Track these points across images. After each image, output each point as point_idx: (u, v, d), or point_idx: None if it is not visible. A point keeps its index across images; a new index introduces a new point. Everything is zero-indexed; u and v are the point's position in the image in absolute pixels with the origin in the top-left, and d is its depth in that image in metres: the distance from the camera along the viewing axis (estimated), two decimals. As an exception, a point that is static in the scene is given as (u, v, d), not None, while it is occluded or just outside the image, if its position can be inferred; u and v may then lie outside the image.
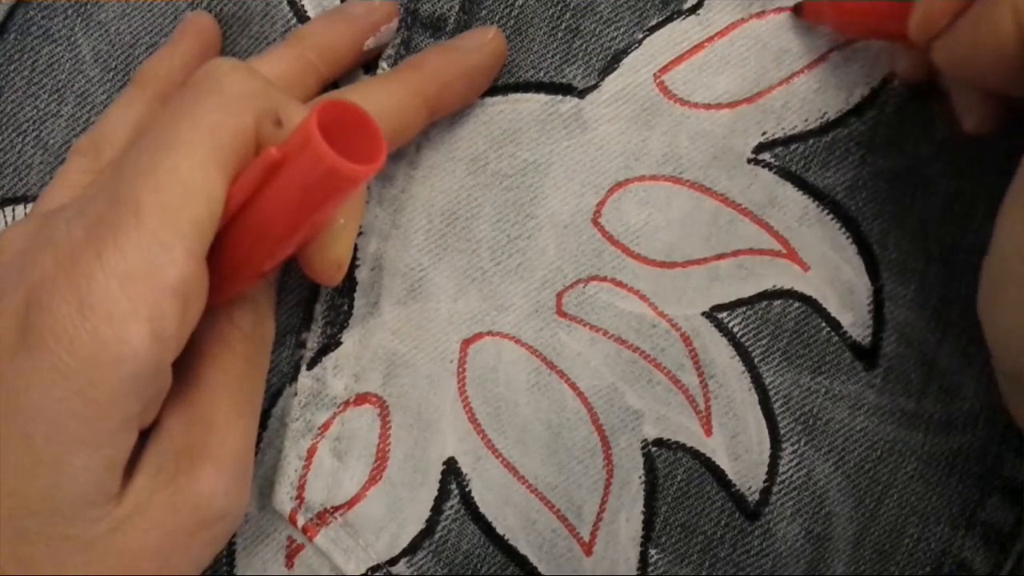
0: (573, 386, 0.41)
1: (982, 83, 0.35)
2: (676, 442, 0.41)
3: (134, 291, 0.30)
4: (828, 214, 0.40)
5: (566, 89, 0.41)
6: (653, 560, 0.41)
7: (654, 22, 0.41)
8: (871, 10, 0.38)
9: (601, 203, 0.41)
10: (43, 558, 0.32)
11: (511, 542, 0.41)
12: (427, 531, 0.41)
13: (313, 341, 0.41)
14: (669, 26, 0.41)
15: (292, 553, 0.42)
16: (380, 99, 0.37)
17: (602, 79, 0.41)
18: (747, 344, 0.41)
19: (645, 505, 0.41)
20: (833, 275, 0.40)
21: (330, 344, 0.41)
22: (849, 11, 0.39)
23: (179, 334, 0.32)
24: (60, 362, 0.30)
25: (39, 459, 0.31)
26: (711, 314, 0.41)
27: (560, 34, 0.41)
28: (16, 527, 0.31)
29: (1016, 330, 0.33)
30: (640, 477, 0.41)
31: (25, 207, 0.43)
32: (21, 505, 0.31)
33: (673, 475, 0.41)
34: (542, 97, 0.41)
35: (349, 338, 0.41)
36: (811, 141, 0.40)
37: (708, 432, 0.41)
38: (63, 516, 0.32)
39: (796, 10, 0.41)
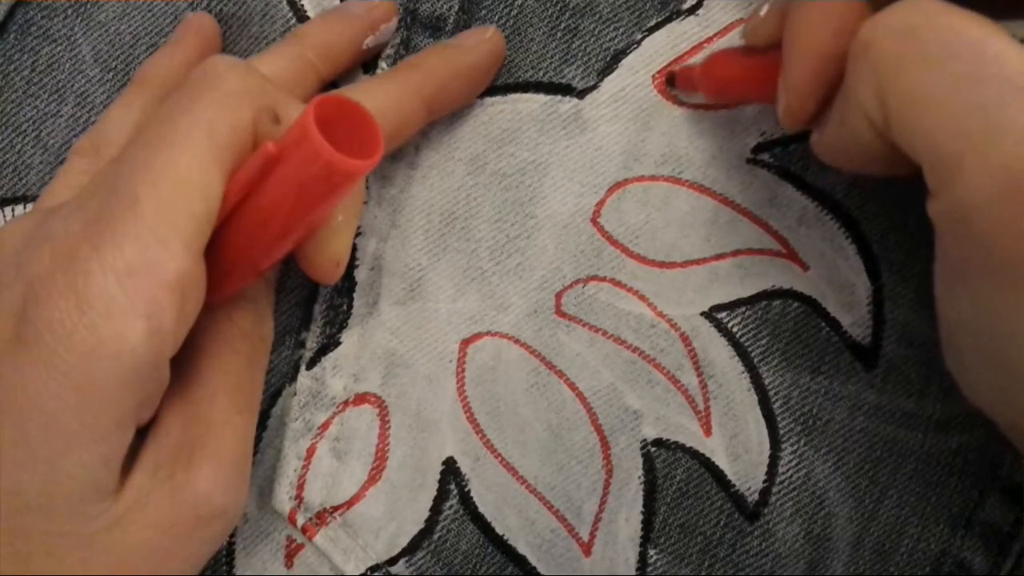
0: (572, 386, 0.41)
1: (862, 172, 0.36)
2: (675, 442, 0.41)
3: (132, 287, 0.30)
4: (827, 214, 0.40)
5: (565, 89, 0.41)
6: (652, 560, 0.41)
7: (653, 22, 0.41)
8: (738, 80, 0.38)
9: (600, 203, 0.41)
10: (40, 555, 0.32)
11: (510, 542, 0.41)
12: (426, 531, 0.41)
13: (312, 341, 0.41)
14: (668, 26, 0.41)
15: (291, 553, 0.42)
16: (379, 98, 0.37)
17: (601, 79, 0.41)
18: (746, 344, 0.41)
19: (644, 505, 0.41)
20: (833, 275, 0.40)
21: (329, 344, 0.41)
22: (718, 80, 0.39)
23: (177, 330, 0.32)
24: (57, 357, 0.30)
25: (36, 455, 0.31)
26: (710, 314, 0.41)
27: (559, 34, 0.41)
28: (13, 524, 0.31)
29: (984, 391, 0.34)
30: (639, 477, 0.41)
31: (25, 207, 0.43)
32: (18, 502, 0.31)
33: (672, 475, 0.41)
34: (541, 97, 0.41)
35: (348, 338, 0.41)
36: (810, 141, 0.40)
37: (707, 432, 0.41)
38: (60, 513, 0.32)
39: (669, 81, 0.41)
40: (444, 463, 0.41)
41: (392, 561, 0.41)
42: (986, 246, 0.30)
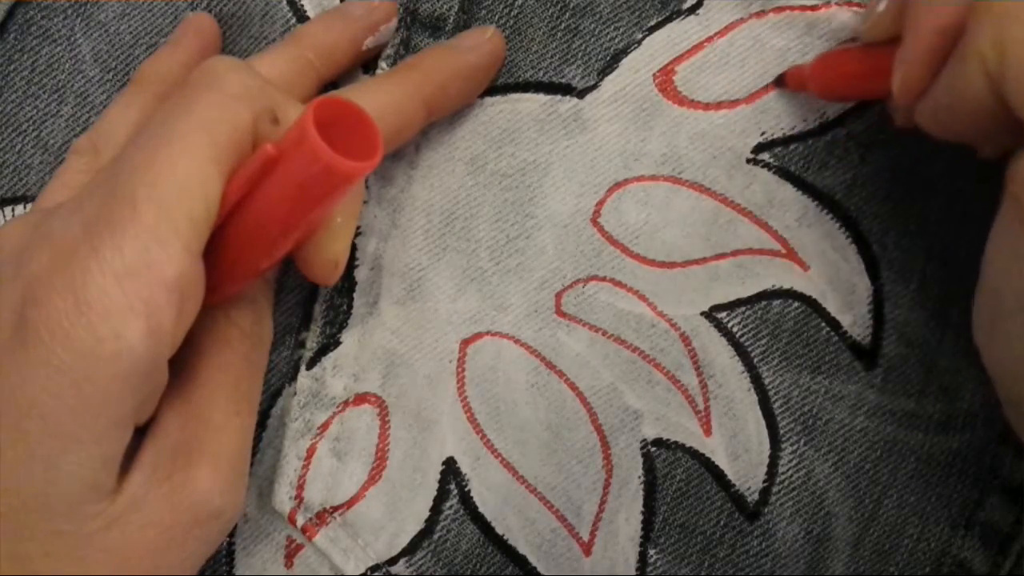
0: (572, 386, 0.41)
1: (967, 140, 0.35)
2: (675, 442, 0.41)
3: (130, 287, 0.30)
4: (827, 214, 0.40)
5: (565, 89, 0.41)
6: (652, 560, 0.41)
7: (653, 22, 0.41)
8: (852, 76, 0.38)
9: (600, 203, 0.41)
10: (38, 554, 0.32)
11: (510, 542, 0.41)
12: (426, 531, 0.41)
13: (312, 341, 0.41)
14: (668, 26, 0.41)
15: (291, 553, 0.42)
16: (379, 99, 0.37)
17: (601, 79, 0.41)
18: (746, 344, 0.41)
19: (644, 505, 0.41)
20: (833, 275, 0.40)
21: (329, 344, 0.41)
22: (831, 79, 0.39)
23: (175, 330, 0.32)
24: (56, 357, 0.30)
25: (34, 455, 0.31)
26: (710, 314, 0.41)
27: (559, 34, 0.41)
28: (11, 523, 0.31)
29: (1016, 360, 0.34)
30: (639, 477, 0.41)
31: (25, 207, 0.43)
32: (16, 501, 0.31)
33: (672, 475, 0.41)
34: (541, 97, 0.41)
35: (348, 338, 0.41)
36: (810, 141, 0.40)
37: (707, 432, 0.41)
38: (58, 512, 0.32)
39: (778, 82, 0.41)
40: (444, 463, 0.41)
41: (392, 561, 0.41)
42: None
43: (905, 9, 0.35)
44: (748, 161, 0.41)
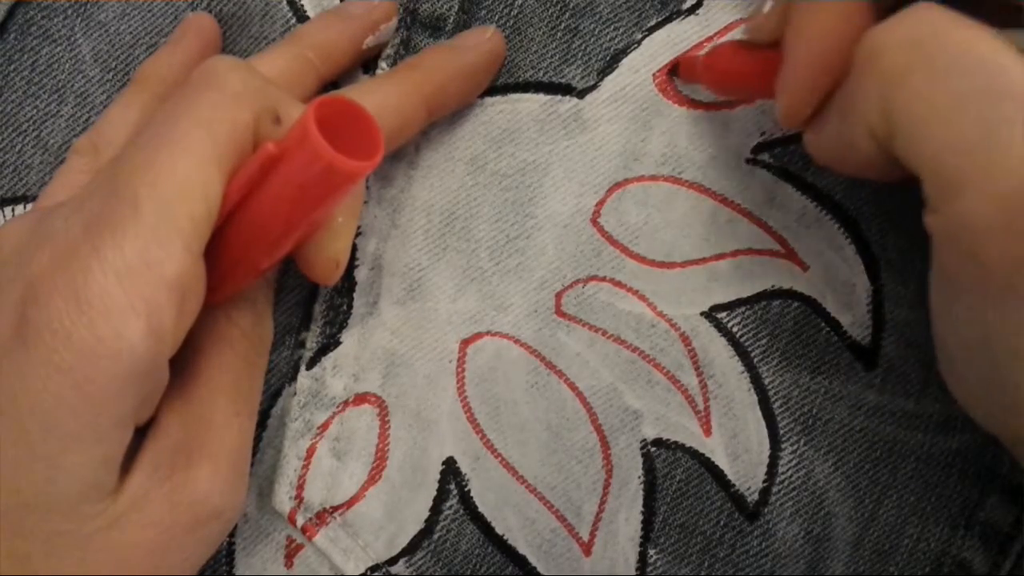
0: (572, 386, 0.41)
1: (855, 176, 0.36)
2: (675, 442, 0.41)
3: (131, 286, 0.30)
4: (827, 214, 0.40)
5: (565, 89, 0.41)
6: (652, 560, 0.41)
7: (653, 22, 0.41)
8: (740, 75, 0.38)
9: (600, 203, 0.41)
10: (39, 554, 0.32)
11: (510, 542, 0.41)
12: (426, 531, 0.41)
13: (312, 341, 0.41)
14: (668, 26, 0.41)
15: (291, 553, 0.42)
16: (379, 99, 0.37)
17: (601, 79, 0.41)
18: (746, 344, 0.41)
19: (644, 505, 0.41)
20: (832, 275, 0.40)
21: (329, 344, 0.41)
22: (721, 74, 0.39)
23: (176, 330, 0.32)
24: (56, 357, 0.30)
25: (35, 454, 0.31)
26: (710, 314, 0.41)
27: (559, 34, 0.41)
28: (12, 522, 0.31)
29: (977, 401, 0.34)
30: (639, 477, 0.41)
31: (25, 207, 0.43)
32: (17, 500, 0.31)
33: (672, 475, 0.41)
34: (541, 97, 0.41)
35: (348, 338, 0.41)
36: (810, 141, 0.40)
37: (707, 432, 0.41)
38: (59, 512, 0.32)
39: (672, 71, 0.41)
40: (444, 463, 0.41)
41: (392, 561, 0.41)
42: (982, 265, 0.30)
43: (788, 19, 0.34)
44: (748, 161, 0.41)
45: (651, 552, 0.41)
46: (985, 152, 0.29)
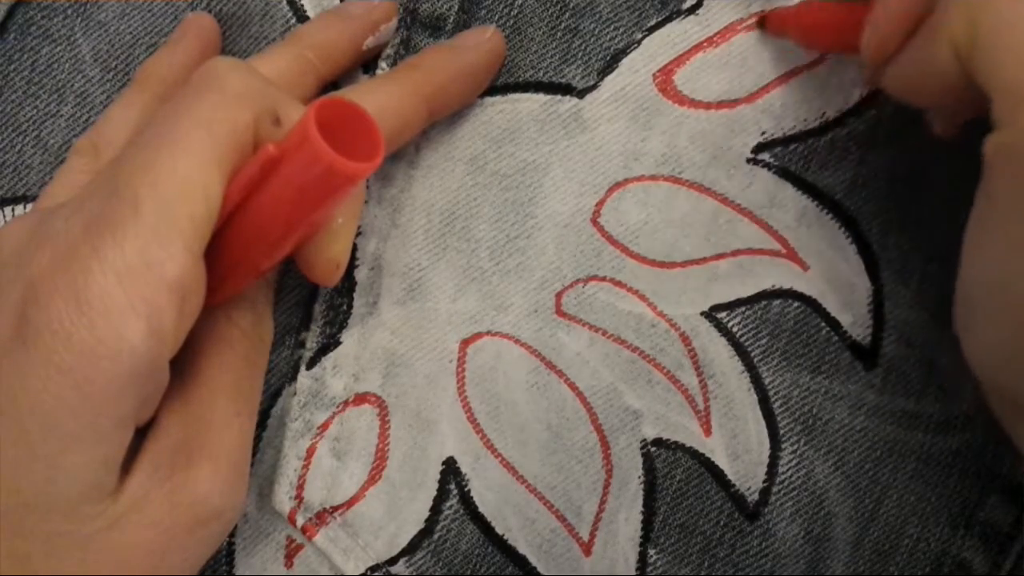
0: (572, 386, 0.41)
1: (929, 107, 0.36)
2: (675, 442, 0.41)
3: (131, 287, 0.30)
4: (827, 214, 0.40)
5: (565, 89, 0.41)
6: (652, 560, 0.41)
7: (653, 22, 0.41)
8: (829, 27, 0.38)
9: (600, 203, 0.41)
10: (39, 554, 0.32)
11: (510, 542, 0.41)
12: (426, 531, 0.41)
13: (312, 341, 0.41)
14: (668, 26, 0.41)
15: (291, 553, 0.42)
16: (379, 99, 0.37)
17: (601, 79, 0.41)
18: (746, 344, 0.41)
19: (644, 505, 0.41)
20: (832, 275, 0.40)
21: (329, 344, 0.41)
22: (809, 26, 0.39)
23: (176, 331, 0.32)
24: (57, 357, 0.30)
25: (35, 455, 0.31)
26: (710, 314, 0.41)
27: (559, 34, 0.41)
28: (12, 523, 0.31)
29: (992, 352, 0.34)
30: (639, 477, 0.41)
31: (25, 207, 0.43)
32: (17, 501, 0.31)
33: (672, 475, 0.41)
34: (541, 97, 0.41)
35: (348, 338, 0.41)
36: (810, 141, 0.40)
37: (707, 432, 0.41)
38: (59, 512, 0.32)
39: (760, 23, 0.41)
40: (444, 463, 0.41)
41: (392, 561, 0.41)
42: None
43: None
44: (748, 161, 0.41)
45: (651, 552, 0.41)
46: None
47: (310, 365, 0.41)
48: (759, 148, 0.41)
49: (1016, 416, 0.35)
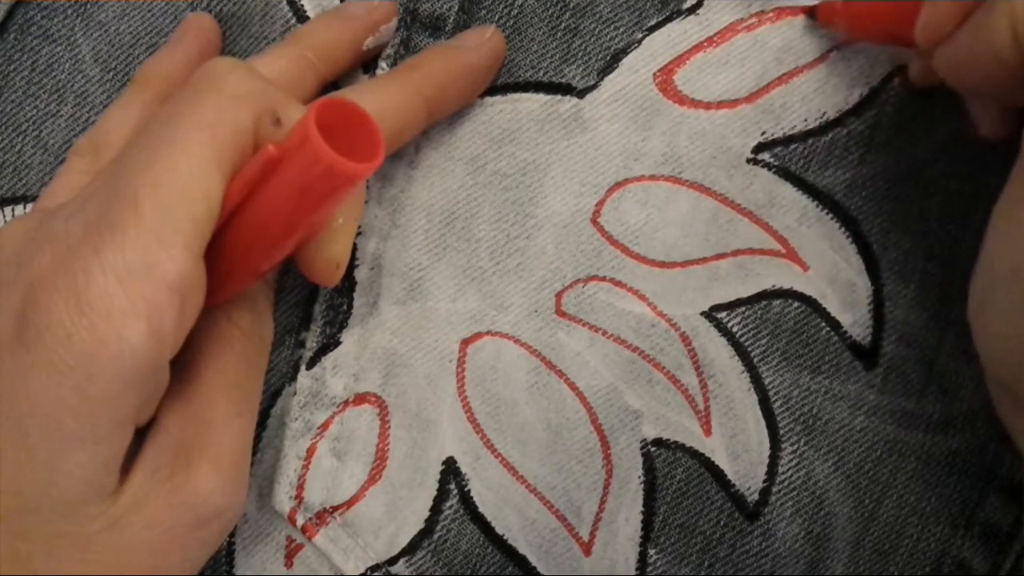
0: (572, 386, 0.41)
1: (982, 90, 0.36)
2: (675, 442, 0.41)
3: (132, 288, 0.30)
4: (827, 214, 0.40)
5: (565, 89, 0.41)
6: (652, 560, 0.41)
7: (653, 22, 0.41)
8: (881, 13, 0.38)
9: (600, 203, 0.41)
10: (40, 555, 0.32)
11: (510, 542, 0.41)
12: (426, 531, 0.41)
13: (312, 341, 0.41)
14: (668, 26, 0.41)
15: (291, 553, 0.42)
16: (380, 99, 0.37)
17: (601, 79, 0.41)
18: (746, 344, 0.41)
19: (644, 505, 0.41)
20: (833, 275, 0.40)
21: (329, 344, 0.41)
22: (859, 13, 0.39)
23: (177, 331, 0.32)
24: (57, 358, 0.30)
25: (36, 456, 0.31)
26: (710, 314, 0.41)
27: (559, 34, 0.41)
28: (12, 524, 0.31)
29: (1005, 336, 0.34)
30: (639, 477, 0.41)
31: (25, 207, 0.43)
32: (18, 502, 0.31)
33: (672, 475, 0.41)
34: (541, 97, 0.41)
35: (348, 338, 0.41)
36: (810, 141, 0.40)
37: (707, 432, 0.41)
38: (60, 513, 0.32)
39: (809, 12, 0.40)
40: (444, 463, 0.41)
41: (392, 561, 0.41)
42: None
43: None
44: (748, 161, 0.41)
45: (651, 552, 0.41)
46: None
47: (310, 365, 0.41)
48: (759, 148, 0.41)
49: (1016, 409, 0.35)
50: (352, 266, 0.41)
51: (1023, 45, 0.32)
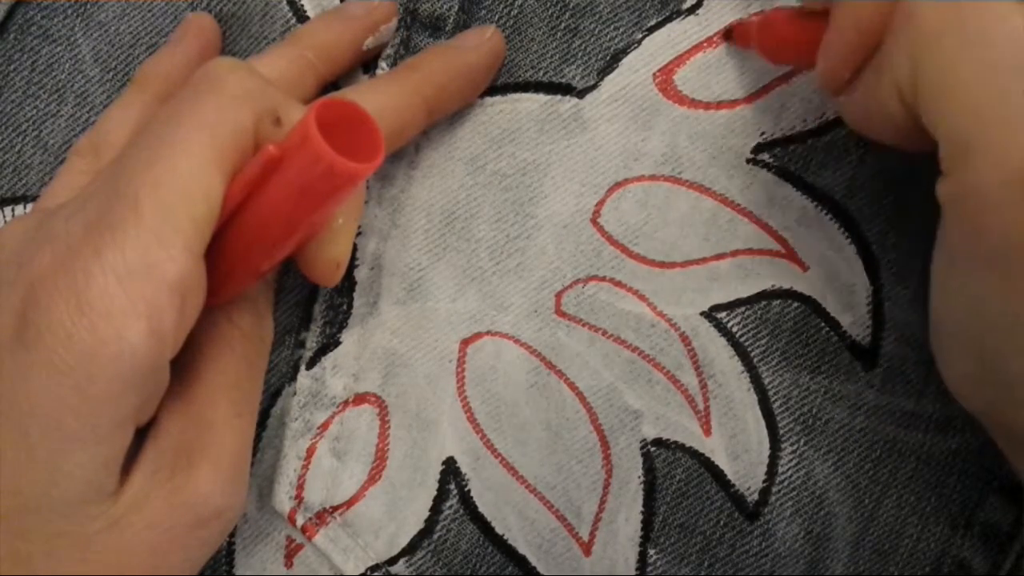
0: (572, 386, 0.41)
1: (884, 141, 0.36)
2: (675, 442, 0.41)
3: (132, 288, 0.30)
4: (827, 214, 0.40)
5: (565, 89, 0.41)
6: (652, 560, 0.41)
7: (653, 22, 0.41)
8: (789, 42, 0.38)
9: (600, 203, 0.41)
10: (40, 555, 0.32)
11: (510, 542, 0.41)
12: (426, 531, 0.41)
13: (312, 341, 0.41)
14: (668, 26, 0.41)
15: (291, 553, 0.42)
16: (379, 100, 0.37)
17: (601, 79, 0.41)
18: (746, 344, 0.41)
19: (644, 505, 0.41)
20: (832, 275, 0.40)
21: (329, 344, 0.41)
22: (771, 40, 0.39)
23: (177, 332, 0.32)
24: (57, 358, 0.30)
25: (36, 456, 0.31)
26: (710, 314, 0.41)
27: (559, 34, 0.41)
28: (13, 524, 0.32)
29: (960, 383, 0.35)
30: (639, 477, 0.41)
31: (25, 207, 0.43)
32: (18, 502, 0.31)
33: (672, 475, 0.41)
34: (541, 97, 0.41)
35: (348, 338, 0.41)
36: (809, 141, 0.40)
37: (707, 432, 0.41)
38: (60, 513, 0.32)
39: (727, 35, 0.41)
40: (444, 463, 0.41)
41: (392, 561, 0.41)
42: (982, 232, 0.31)
43: None
44: (748, 161, 0.41)
45: (651, 552, 0.41)
46: (1001, 124, 0.29)
47: (310, 365, 0.41)
48: (759, 148, 0.41)
49: (998, 432, 0.35)
50: (352, 266, 0.41)
51: (911, 109, 0.32)
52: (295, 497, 0.41)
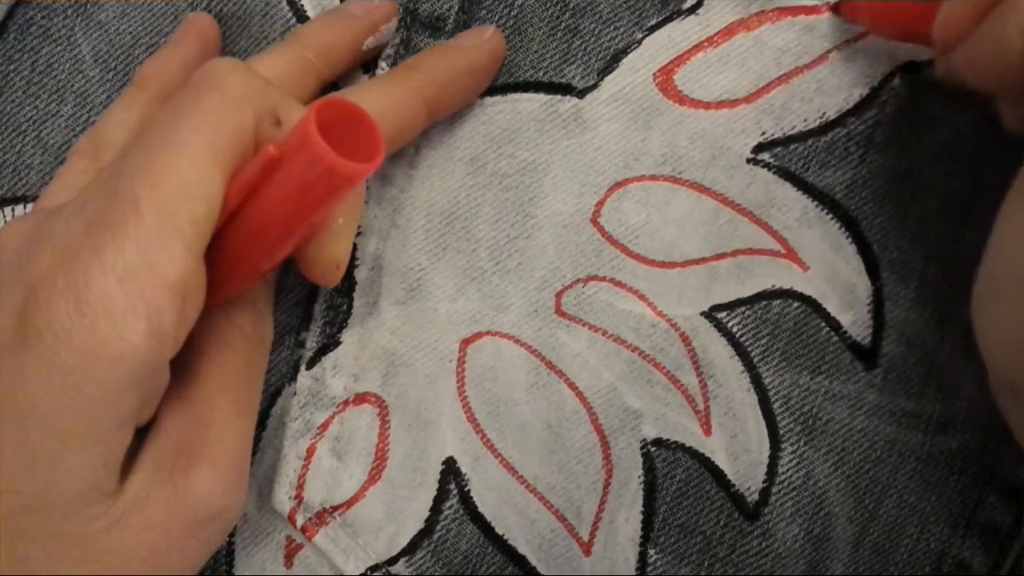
0: (572, 386, 0.41)
1: (995, 91, 0.35)
2: (675, 442, 0.41)
3: (132, 288, 0.30)
4: (827, 214, 0.40)
5: (565, 89, 0.41)
6: (652, 560, 0.41)
7: (653, 22, 0.41)
8: (903, 11, 0.38)
9: (600, 203, 0.41)
10: (40, 555, 0.32)
11: (510, 542, 0.41)
12: (426, 531, 0.41)
13: (312, 341, 0.41)
14: (669, 26, 0.41)
15: (291, 553, 0.42)
16: (380, 100, 0.37)
17: (601, 79, 0.41)
18: (746, 344, 0.41)
19: (644, 505, 0.41)
20: (832, 275, 0.40)
21: (329, 344, 0.41)
22: (882, 11, 0.39)
23: (177, 332, 0.32)
24: (57, 358, 0.30)
25: (36, 456, 0.31)
26: (710, 314, 0.41)
27: (559, 34, 0.41)
28: (13, 524, 0.31)
29: (1006, 342, 0.34)
30: (639, 477, 0.41)
31: (25, 207, 0.43)
32: (18, 502, 0.31)
33: (672, 475, 0.41)
34: (541, 97, 0.41)
35: (348, 338, 0.41)
36: (810, 141, 0.40)
37: (707, 432, 0.41)
38: (60, 513, 0.32)
39: (835, 9, 0.40)
40: (444, 463, 0.41)
41: (392, 561, 0.41)
42: None
43: None
44: (748, 161, 0.41)
45: (651, 552, 0.41)
46: None
47: (310, 365, 0.41)
48: (759, 148, 0.41)
49: (1018, 407, 0.34)
50: (352, 266, 0.41)
51: None
52: (295, 497, 0.41)
